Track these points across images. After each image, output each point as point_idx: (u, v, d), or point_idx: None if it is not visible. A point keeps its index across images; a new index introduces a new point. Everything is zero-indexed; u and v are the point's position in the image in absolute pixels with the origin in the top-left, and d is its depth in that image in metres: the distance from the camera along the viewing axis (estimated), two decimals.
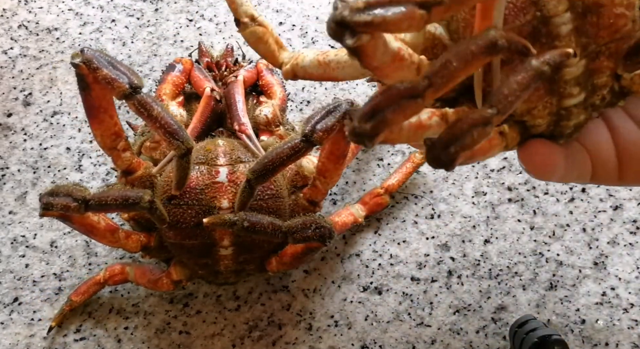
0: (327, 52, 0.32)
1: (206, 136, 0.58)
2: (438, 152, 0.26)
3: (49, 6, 0.79)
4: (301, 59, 0.32)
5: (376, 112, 0.26)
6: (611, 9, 0.28)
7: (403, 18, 0.24)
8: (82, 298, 0.60)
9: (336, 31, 0.24)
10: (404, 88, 0.26)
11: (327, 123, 0.49)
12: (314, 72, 0.32)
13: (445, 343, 0.59)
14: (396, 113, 0.26)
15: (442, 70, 0.26)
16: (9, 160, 0.69)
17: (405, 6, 0.24)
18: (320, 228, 0.51)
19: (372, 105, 0.26)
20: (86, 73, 0.48)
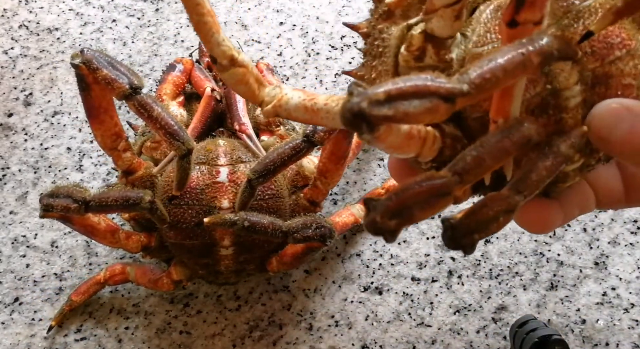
0: (314, 98, 0.29)
1: (207, 136, 0.58)
2: (460, 236, 0.25)
3: (49, 6, 0.79)
4: (285, 101, 0.30)
5: (403, 209, 0.24)
6: (620, 79, 0.28)
7: (426, 111, 0.22)
8: (83, 298, 0.60)
9: (352, 122, 0.22)
10: (434, 186, 0.24)
11: None
12: (299, 116, 0.30)
13: (445, 343, 0.59)
14: (424, 211, 0.24)
15: (476, 167, 0.25)
16: (10, 160, 0.69)
17: (429, 100, 0.22)
18: (320, 227, 0.51)
19: (398, 202, 0.24)
20: (86, 73, 0.48)
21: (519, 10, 0.25)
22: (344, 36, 0.76)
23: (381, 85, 0.22)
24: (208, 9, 0.28)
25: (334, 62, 0.74)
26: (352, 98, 0.22)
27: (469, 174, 0.25)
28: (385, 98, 0.22)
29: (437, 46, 0.30)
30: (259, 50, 0.75)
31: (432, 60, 0.30)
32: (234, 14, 0.78)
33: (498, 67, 0.23)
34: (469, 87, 0.23)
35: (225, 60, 0.29)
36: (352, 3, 0.78)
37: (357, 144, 0.62)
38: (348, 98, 0.22)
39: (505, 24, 0.25)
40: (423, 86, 0.22)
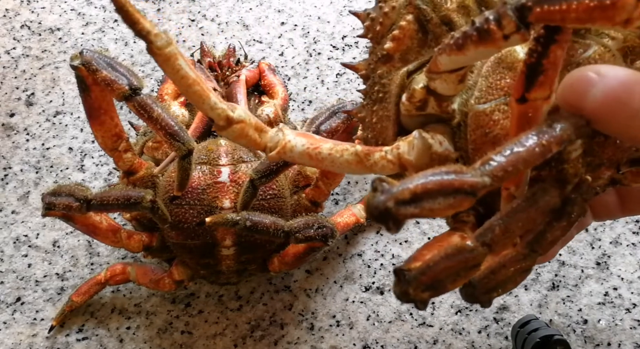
0: (318, 147, 0.30)
1: (208, 136, 0.58)
2: (479, 295, 0.26)
3: (51, 6, 0.79)
4: (289, 148, 0.31)
5: (436, 283, 0.25)
6: None
7: (451, 207, 0.23)
8: (83, 298, 0.60)
9: (378, 218, 0.23)
10: (466, 259, 0.25)
11: (332, 124, 0.49)
12: (305, 162, 0.31)
13: (447, 343, 0.59)
14: (456, 282, 0.25)
15: (504, 238, 0.25)
16: (12, 160, 0.69)
17: (455, 197, 0.23)
18: (322, 227, 0.51)
19: (431, 277, 0.25)
20: (85, 75, 0.48)
21: (529, 89, 0.25)
22: (345, 36, 0.76)
23: (405, 182, 0.23)
24: (193, 79, 0.28)
25: (335, 62, 0.74)
26: (377, 195, 0.23)
27: (498, 244, 0.25)
28: (410, 198, 0.23)
29: (439, 99, 0.30)
30: (260, 50, 0.75)
31: (433, 110, 0.30)
32: (235, 14, 0.78)
33: (519, 159, 0.24)
34: (490, 179, 0.23)
35: (222, 121, 0.30)
36: (353, 3, 0.78)
37: None
38: (373, 195, 0.23)
39: (515, 100, 0.26)
40: (448, 183, 0.23)
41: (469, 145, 0.30)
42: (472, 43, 0.25)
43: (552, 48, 0.24)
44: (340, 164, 0.30)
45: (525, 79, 0.25)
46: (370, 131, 0.34)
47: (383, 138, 0.33)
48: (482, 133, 0.30)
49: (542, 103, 0.26)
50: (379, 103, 0.33)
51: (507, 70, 0.30)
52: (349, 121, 0.50)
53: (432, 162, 0.30)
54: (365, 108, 0.34)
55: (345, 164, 0.30)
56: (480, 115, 0.30)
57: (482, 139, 0.30)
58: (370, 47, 0.34)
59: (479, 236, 0.25)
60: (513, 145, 0.24)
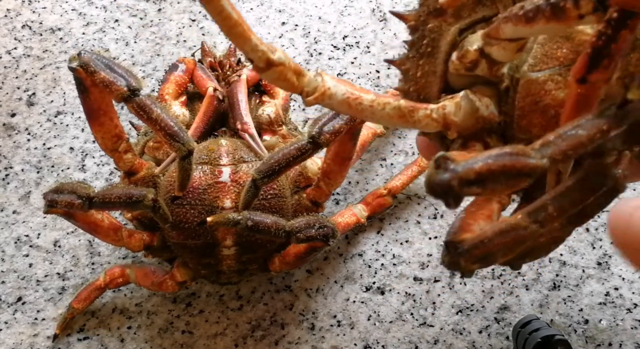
0: (359, 97, 0.30)
1: (209, 135, 0.58)
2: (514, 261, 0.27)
3: (52, 6, 0.80)
4: (328, 95, 0.30)
5: (487, 256, 0.26)
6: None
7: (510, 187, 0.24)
8: (84, 304, 0.60)
9: (439, 194, 0.23)
10: (520, 236, 0.26)
11: (335, 126, 0.49)
12: (342, 110, 0.31)
13: (448, 343, 0.59)
14: (507, 256, 0.26)
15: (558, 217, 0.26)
16: (13, 160, 0.69)
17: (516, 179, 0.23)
18: (323, 227, 0.51)
19: (484, 251, 0.25)
20: (84, 76, 0.48)
21: (592, 71, 0.25)
22: (346, 36, 0.76)
23: (470, 161, 0.23)
24: (236, 20, 0.28)
25: (336, 62, 0.74)
26: (441, 172, 0.23)
27: (551, 222, 0.26)
28: (475, 178, 0.23)
29: (491, 63, 0.30)
30: None
31: (483, 73, 0.30)
32: None
33: (578, 143, 0.24)
34: (548, 162, 0.24)
35: (262, 63, 0.30)
36: (354, 3, 0.78)
37: (362, 146, 0.62)
38: (436, 172, 0.23)
39: (575, 80, 0.26)
40: (511, 165, 0.23)
41: (515, 111, 0.30)
42: (543, 18, 0.24)
43: (623, 33, 0.24)
44: (380, 116, 0.30)
45: (589, 61, 0.25)
46: (413, 84, 0.33)
47: (426, 93, 0.33)
48: (532, 101, 0.29)
49: (602, 85, 0.25)
50: (426, 57, 0.32)
51: (564, 40, 0.29)
52: (352, 122, 0.50)
53: (477, 123, 0.30)
54: (410, 60, 0.34)
55: (386, 117, 0.30)
56: (532, 84, 0.30)
57: (531, 107, 0.30)
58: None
59: (531, 214, 0.26)
60: (573, 128, 0.24)
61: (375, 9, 0.76)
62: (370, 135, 0.63)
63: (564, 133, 0.24)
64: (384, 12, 0.76)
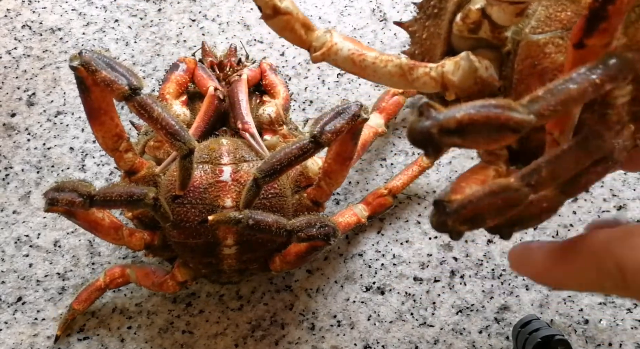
0: (363, 54, 0.30)
1: (210, 135, 0.58)
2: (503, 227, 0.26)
3: (52, 6, 0.80)
4: (334, 51, 0.30)
5: (476, 217, 0.25)
6: None
7: (494, 141, 0.23)
8: (84, 305, 0.60)
9: (419, 143, 0.23)
10: (510, 198, 0.25)
11: (336, 125, 0.49)
12: (347, 68, 0.30)
13: (448, 343, 0.59)
14: (496, 219, 0.25)
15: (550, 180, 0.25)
16: (13, 160, 0.69)
17: (499, 132, 0.23)
18: (324, 226, 0.51)
19: (473, 210, 0.24)
20: (85, 75, 0.48)
21: (588, 35, 0.24)
22: None
23: (452, 110, 0.22)
24: None
25: None
26: (422, 120, 0.22)
27: (543, 186, 0.25)
28: (456, 127, 0.22)
29: (493, 24, 0.29)
30: (261, 50, 0.75)
31: (486, 35, 0.30)
32: (236, 14, 0.78)
33: (569, 97, 0.23)
34: (537, 118, 0.23)
35: (269, 9, 0.29)
36: (354, 3, 0.78)
37: (363, 146, 0.62)
38: (418, 119, 0.23)
39: (572, 45, 0.25)
40: (495, 117, 0.22)
41: (514, 75, 0.30)
42: None
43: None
44: (382, 75, 0.29)
45: (586, 24, 0.24)
46: (418, 47, 0.33)
47: (430, 56, 0.32)
48: (530, 64, 0.29)
49: (601, 50, 0.24)
50: (432, 19, 0.32)
51: (569, 2, 0.29)
52: (353, 121, 0.50)
53: (475, 85, 0.30)
54: (418, 22, 0.33)
55: (387, 75, 0.30)
56: (532, 45, 0.29)
57: (529, 70, 0.29)
58: None
59: (524, 177, 0.25)
60: (563, 82, 0.23)
61: (375, 9, 0.76)
62: (372, 134, 0.63)
63: (554, 87, 0.23)
64: (384, 12, 0.76)
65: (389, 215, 0.65)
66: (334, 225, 0.52)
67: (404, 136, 0.69)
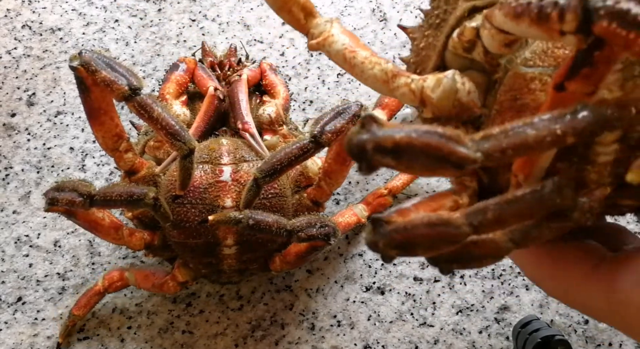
0: (355, 51, 0.28)
1: (210, 135, 0.58)
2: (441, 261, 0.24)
3: (52, 6, 0.80)
4: (329, 43, 0.29)
5: (408, 245, 0.23)
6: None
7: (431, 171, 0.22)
8: (84, 311, 0.59)
9: (354, 155, 0.21)
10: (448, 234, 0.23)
11: (336, 125, 0.49)
12: (337, 61, 0.29)
13: (448, 343, 0.59)
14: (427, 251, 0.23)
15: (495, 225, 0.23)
16: (13, 160, 0.69)
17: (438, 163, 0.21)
18: (324, 226, 0.51)
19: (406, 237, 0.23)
20: (85, 75, 0.48)
21: (570, 78, 0.22)
22: None
23: (393, 129, 0.21)
24: None
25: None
26: (362, 132, 0.21)
27: (485, 229, 0.23)
28: (392, 148, 0.21)
29: (486, 48, 0.28)
30: (261, 50, 0.75)
31: (479, 57, 0.28)
32: (236, 14, 0.78)
33: (523, 143, 0.21)
34: (483, 157, 0.21)
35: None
36: (354, 3, 0.78)
37: None
38: (358, 130, 0.21)
39: (553, 86, 0.23)
40: (435, 147, 0.21)
41: (494, 105, 0.28)
42: (528, 18, 0.22)
43: (607, 48, 0.21)
44: (368, 76, 0.29)
45: (570, 66, 0.22)
46: (414, 55, 0.32)
47: (422, 68, 0.31)
48: (511, 96, 0.27)
49: (582, 97, 0.22)
50: (433, 29, 0.31)
51: None
52: (353, 121, 0.50)
53: (453, 108, 0.28)
54: (419, 30, 0.32)
55: (372, 78, 0.29)
56: (518, 77, 0.27)
57: (509, 103, 0.27)
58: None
59: (468, 215, 0.23)
60: (523, 125, 0.21)
61: (375, 9, 0.76)
62: None
63: (511, 129, 0.21)
64: (384, 12, 0.76)
65: None
66: (334, 225, 0.52)
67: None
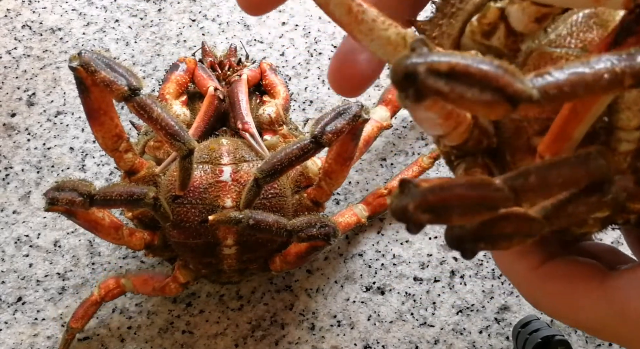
0: (365, 9, 0.24)
1: (210, 135, 0.58)
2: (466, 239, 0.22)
3: (52, 6, 0.80)
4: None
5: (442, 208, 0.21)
6: None
7: (483, 105, 0.19)
8: (82, 322, 0.58)
9: (401, 83, 0.19)
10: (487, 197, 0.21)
11: (337, 125, 0.49)
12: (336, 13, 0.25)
13: (448, 343, 0.59)
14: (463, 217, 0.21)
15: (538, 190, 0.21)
16: (13, 160, 0.69)
17: (493, 94, 0.19)
18: (324, 226, 0.52)
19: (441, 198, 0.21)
20: (84, 76, 0.48)
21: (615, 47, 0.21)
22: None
23: (448, 53, 0.19)
24: None
25: None
26: (412, 56, 0.19)
27: (528, 195, 0.21)
28: (447, 71, 0.19)
29: (509, 30, 0.26)
30: (261, 50, 0.75)
31: (498, 43, 0.27)
32: (236, 14, 0.78)
33: (581, 81, 0.19)
34: (540, 95, 0.19)
35: None
36: None
37: (366, 141, 0.61)
38: (407, 55, 0.19)
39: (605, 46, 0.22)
40: (492, 75, 0.19)
41: None
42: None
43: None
44: (378, 37, 0.24)
45: (614, 38, 0.21)
46: None
47: None
48: None
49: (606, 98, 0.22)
50: (447, 18, 0.29)
51: (596, 26, 0.26)
52: (354, 122, 0.50)
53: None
54: (432, 21, 0.30)
55: (383, 41, 0.24)
56: (544, 57, 0.26)
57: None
58: None
59: (509, 179, 0.21)
60: (580, 63, 0.20)
61: None
62: (376, 129, 0.62)
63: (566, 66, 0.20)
64: None
65: (389, 215, 0.65)
66: (334, 225, 0.52)
67: (404, 136, 0.69)
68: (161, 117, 0.47)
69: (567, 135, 0.23)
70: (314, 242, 0.53)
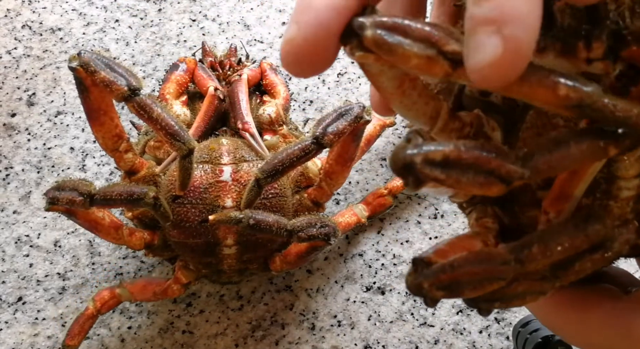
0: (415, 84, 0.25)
1: (210, 135, 0.58)
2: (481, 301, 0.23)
3: (52, 6, 0.80)
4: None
5: (454, 285, 0.22)
6: None
7: (478, 187, 0.21)
8: (78, 339, 0.56)
9: (400, 172, 0.21)
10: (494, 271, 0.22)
11: (338, 126, 0.49)
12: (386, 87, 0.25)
13: (448, 342, 0.59)
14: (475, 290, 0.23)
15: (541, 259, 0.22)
16: (13, 160, 0.69)
17: (486, 177, 0.20)
18: (325, 226, 0.51)
19: (452, 277, 0.22)
20: (84, 76, 0.48)
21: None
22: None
23: (441, 143, 0.21)
24: None
25: (336, 62, 0.74)
26: (408, 147, 0.21)
27: (533, 263, 0.23)
28: (441, 160, 0.20)
29: None
30: (261, 50, 0.75)
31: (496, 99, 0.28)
32: (236, 14, 0.78)
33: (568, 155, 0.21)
34: (531, 173, 0.21)
35: None
36: None
37: (368, 140, 0.61)
38: (404, 145, 0.21)
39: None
40: (485, 160, 0.21)
41: (517, 143, 0.28)
42: (554, 51, 0.22)
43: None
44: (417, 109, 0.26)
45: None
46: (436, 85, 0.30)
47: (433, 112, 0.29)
48: (534, 133, 0.27)
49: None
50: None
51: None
52: (355, 123, 0.50)
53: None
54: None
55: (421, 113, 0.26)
56: (540, 115, 0.27)
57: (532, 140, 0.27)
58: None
59: (513, 250, 0.23)
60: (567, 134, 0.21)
61: None
62: (378, 127, 0.62)
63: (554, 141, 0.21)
64: None
65: (389, 215, 0.65)
66: (334, 225, 0.52)
67: (404, 136, 0.69)
68: (161, 117, 0.47)
69: (568, 195, 0.24)
70: (314, 242, 0.53)
